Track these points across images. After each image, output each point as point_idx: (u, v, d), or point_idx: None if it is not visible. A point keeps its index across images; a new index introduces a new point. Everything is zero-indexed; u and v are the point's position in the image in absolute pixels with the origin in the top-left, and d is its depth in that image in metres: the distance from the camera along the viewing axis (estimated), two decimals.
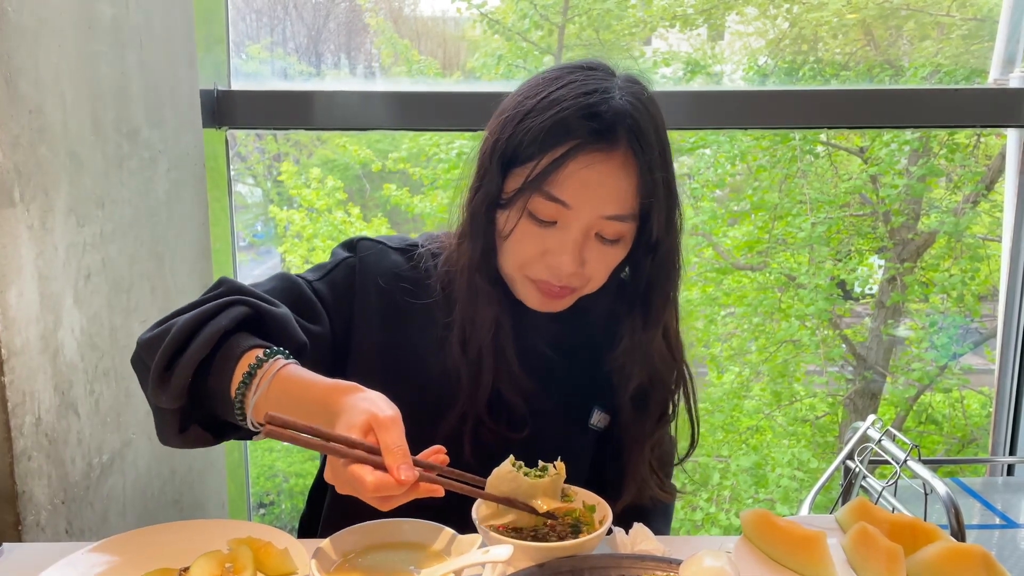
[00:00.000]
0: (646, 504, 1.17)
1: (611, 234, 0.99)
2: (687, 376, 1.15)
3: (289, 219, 4.44)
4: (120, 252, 1.41)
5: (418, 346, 1.08)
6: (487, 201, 1.01)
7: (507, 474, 0.90)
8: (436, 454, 0.85)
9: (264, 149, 4.86)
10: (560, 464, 0.94)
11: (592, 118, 0.95)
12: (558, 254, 0.98)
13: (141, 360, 0.95)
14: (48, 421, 1.20)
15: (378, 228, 4.40)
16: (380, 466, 0.76)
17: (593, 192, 0.96)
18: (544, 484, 0.92)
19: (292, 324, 0.97)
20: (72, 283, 1.26)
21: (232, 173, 2.04)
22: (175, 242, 1.63)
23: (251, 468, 2.50)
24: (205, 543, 0.92)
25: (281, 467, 4.55)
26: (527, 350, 1.09)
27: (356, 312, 1.08)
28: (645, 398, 1.14)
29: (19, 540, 1.15)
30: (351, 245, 1.12)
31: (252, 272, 5.16)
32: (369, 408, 0.79)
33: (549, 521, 0.92)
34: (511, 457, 0.91)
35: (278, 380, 0.86)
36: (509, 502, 0.90)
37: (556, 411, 1.11)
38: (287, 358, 0.89)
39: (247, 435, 0.94)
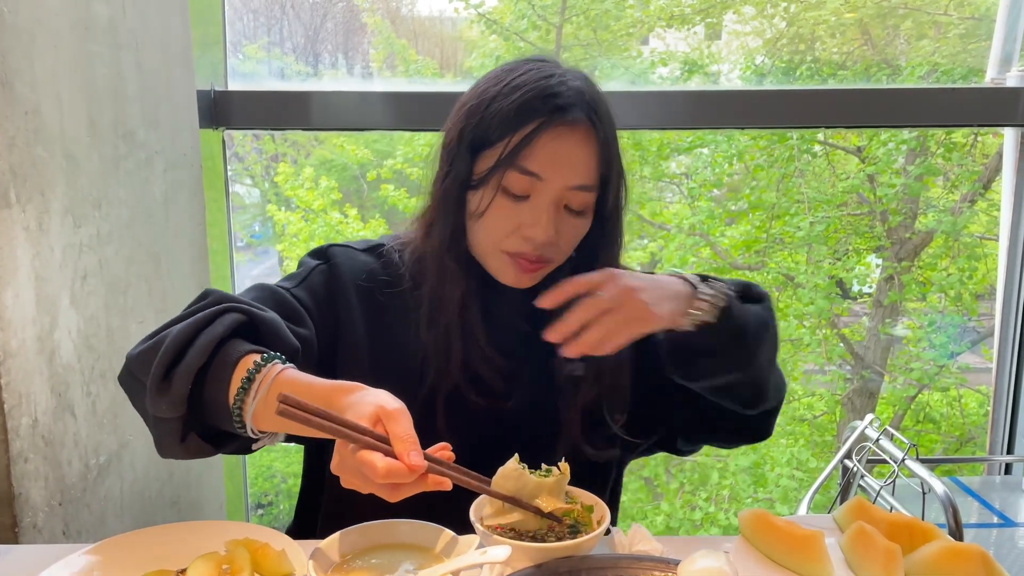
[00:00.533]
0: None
1: (577, 204, 1.05)
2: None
3: (287, 219, 4.43)
4: (117, 253, 1.40)
5: (399, 336, 1.11)
6: (457, 183, 1.06)
7: (512, 472, 0.90)
8: (442, 451, 0.86)
9: (262, 149, 4.85)
10: (564, 465, 0.94)
11: (555, 96, 1.02)
12: (533, 225, 1.03)
13: (131, 375, 0.95)
14: (45, 423, 1.20)
15: (375, 229, 4.40)
16: (390, 454, 0.76)
17: (562, 163, 1.02)
18: (549, 484, 0.92)
19: (284, 329, 0.98)
20: (68, 284, 1.26)
21: (230, 173, 2.04)
22: (172, 243, 1.62)
23: (249, 469, 2.50)
24: (202, 544, 0.92)
25: (279, 467, 4.55)
26: (502, 327, 1.11)
27: (340, 313, 1.10)
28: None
29: (16, 542, 1.15)
30: (320, 253, 1.15)
31: (251, 272, 5.15)
32: (376, 400, 0.80)
33: (552, 523, 0.93)
34: (516, 456, 0.92)
35: (277, 384, 0.86)
36: (514, 501, 0.90)
37: (532, 386, 1.12)
38: (284, 362, 0.89)
39: (244, 446, 0.93)
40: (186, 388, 0.88)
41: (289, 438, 0.99)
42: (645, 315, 0.98)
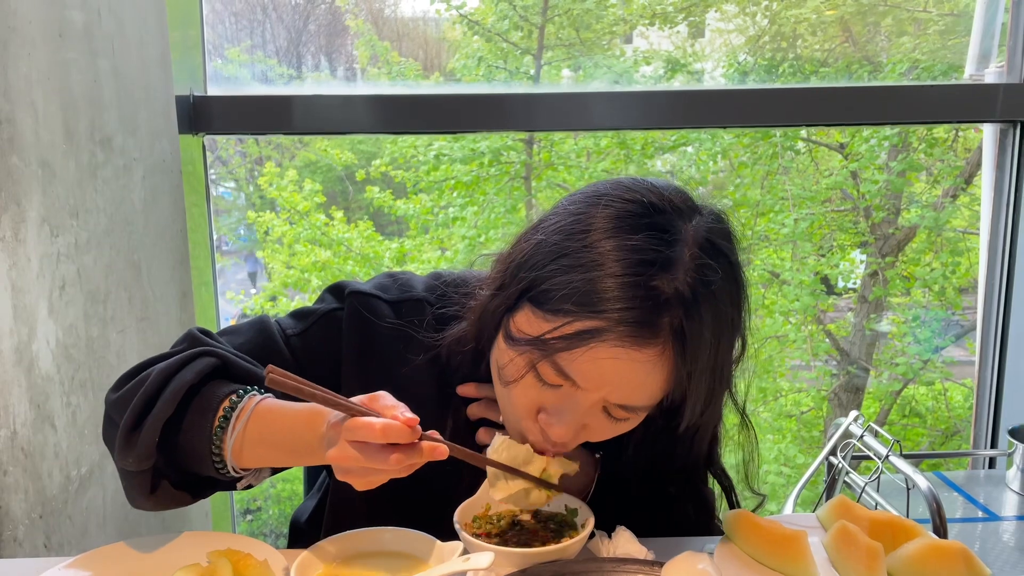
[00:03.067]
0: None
1: (619, 415, 0.86)
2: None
3: (269, 223, 4.41)
4: (96, 262, 1.39)
5: (406, 404, 1.04)
6: (496, 317, 0.88)
7: (500, 444, 0.90)
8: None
9: (245, 153, 4.83)
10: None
11: (636, 300, 0.78)
12: (554, 423, 0.85)
13: (110, 420, 0.92)
14: (24, 435, 1.18)
15: (363, 231, 4.38)
16: None
17: (611, 382, 0.82)
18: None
19: (263, 380, 0.91)
20: (46, 294, 1.25)
21: (213, 177, 2.02)
22: (152, 250, 1.61)
23: None
24: (184, 556, 0.91)
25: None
26: None
27: (343, 367, 1.01)
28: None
29: None
30: (340, 294, 1.03)
31: (236, 276, 5.13)
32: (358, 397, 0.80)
33: (549, 493, 0.91)
34: (498, 432, 0.91)
35: (257, 415, 0.85)
36: (511, 469, 0.89)
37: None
38: (262, 393, 0.88)
39: (228, 487, 0.92)
40: (154, 440, 0.86)
41: (274, 471, 0.96)
42: None
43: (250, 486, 0.94)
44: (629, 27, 4.50)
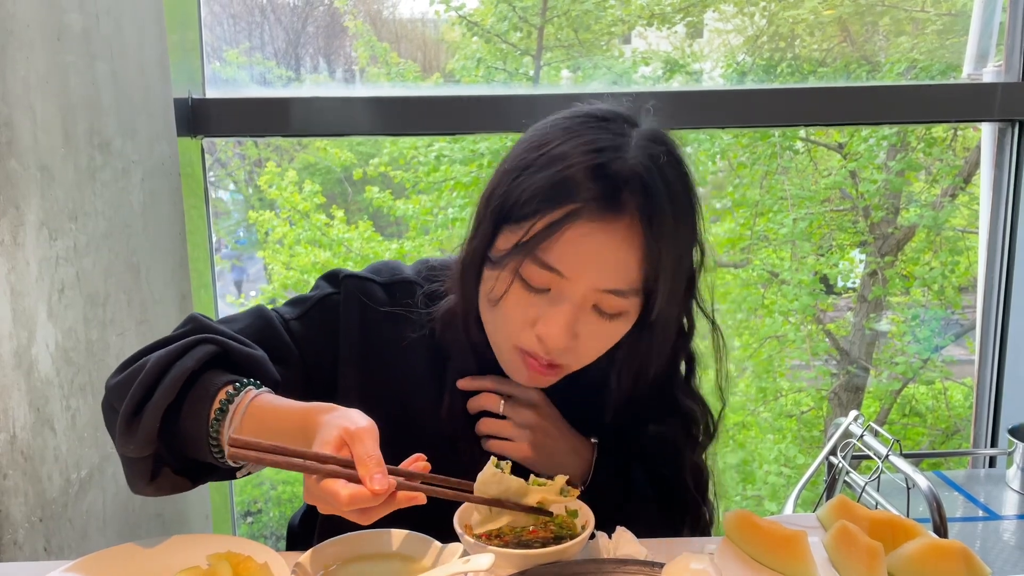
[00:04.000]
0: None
1: (609, 308, 0.91)
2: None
3: (269, 224, 4.41)
4: (95, 265, 1.39)
5: (403, 383, 1.05)
6: (477, 255, 0.94)
7: (492, 477, 0.88)
8: (416, 462, 0.84)
9: (244, 155, 4.83)
10: (561, 477, 0.92)
11: (596, 179, 0.86)
12: (549, 325, 0.89)
13: (111, 406, 0.92)
14: (23, 438, 1.18)
15: (363, 232, 4.38)
16: (355, 479, 0.75)
17: (591, 263, 0.87)
18: (535, 484, 0.90)
19: (264, 363, 0.94)
20: (46, 298, 1.25)
21: (212, 179, 2.03)
22: (151, 253, 1.61)
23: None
24: (184, 559, 0.91)
25: (268, 474, 4.52)
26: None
27: (341, 350, 1.03)
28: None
29: None
30: (335, 279, 1.06)
31: (236, 278, 5.12)
32: (341, 423, 0.78)
33: (543, 518, 0.91)
34: (493, 459, 0.89)
35: (252, 411, 0.85)
36: (498, 503, 0.89)
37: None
38: (259, 388, 0.88)
39: (228, 475, 0.92)
40: (155, 426, 0.86)
41: None
42: (519, 451, 1.01)
43: (249, 473, 0.94)
44: (627, 28, 4.50)
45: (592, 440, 1.07)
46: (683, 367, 1.09)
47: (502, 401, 1.02)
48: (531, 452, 1.01)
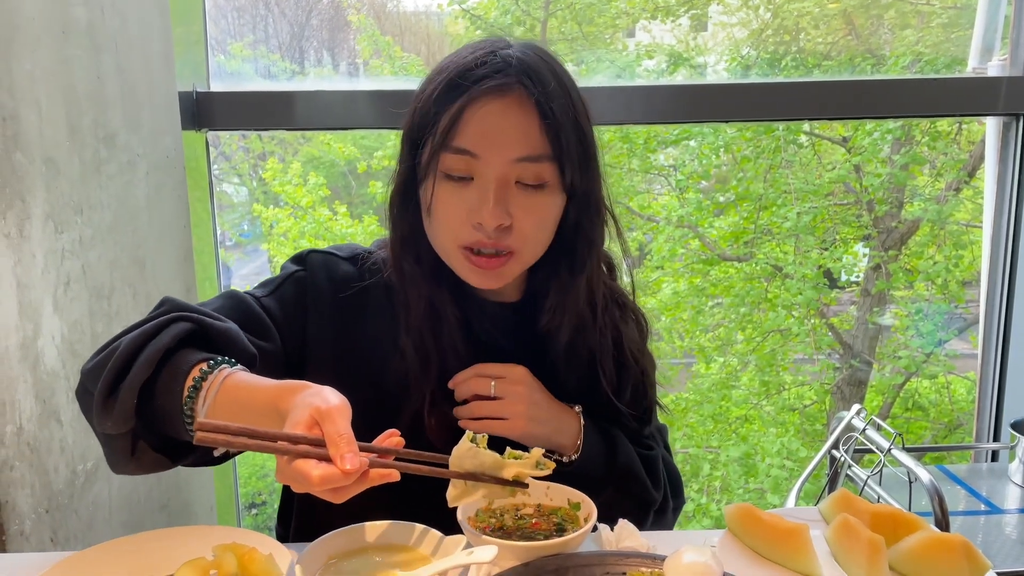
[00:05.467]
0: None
1: (530, 178, 0.98)
2: (617, 344, 1.14)
3: (274, 217, 4.42)
4: (100, 258, 1.40)
5: (375, 350, 1.07)
6: (404, 181, 1.02)
7: (467, 451, 0.86)
8: (390, 438, 0.83)
9: (249, 148, 4.84)
10: (537, 450, 0.91)
11: (481, 66, 0.97)
12: (479, 207, 0.96)
13: (85, 389, 0.93)
14: (30, 430, 1.19)
15: (367, 226, 4.39)
16: (326, 458, 0.74)
17: (495, 135, 0.96)
18: (510, 458, 0.88)
19: (240, 337, 0.95)
20: (51, 290, 1.25)
21: (217, 172, 2.03)
22: (156, 246, 1.62)
23: (241, 469, 2.49)
24: (189, 550, 0.92)
25: (272, 466, 4.54)
26: (480, 340, 1.08)
27: (310, 325, 1.06)
28: (584, 366, 1.12)
29: (3, 550, 1.14)
30: (301, 259, 1.11)
31: (240, 271, 5.14)
32: (313, 402, 0.77)
33: (519, 491, 0.89)
34: (468, 433, 0.88)
35: (225, 389, 0.84)
36: (474, 477, 0.87)
37: None
38: (232, 366, 0.88)
39: (207, 454, 0.92)
40: (132, 402, 0.86)
41: None
42: (518, 428, 1.03)
43: (228, 455, 0.94)
44: (631, 21, 4.49)
45: (576, 408, 1.10)
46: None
47: (492, 383, 1.04)
48: (528, 427, 1.04)
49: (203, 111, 1.86)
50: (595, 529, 0.95)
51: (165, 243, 1.66)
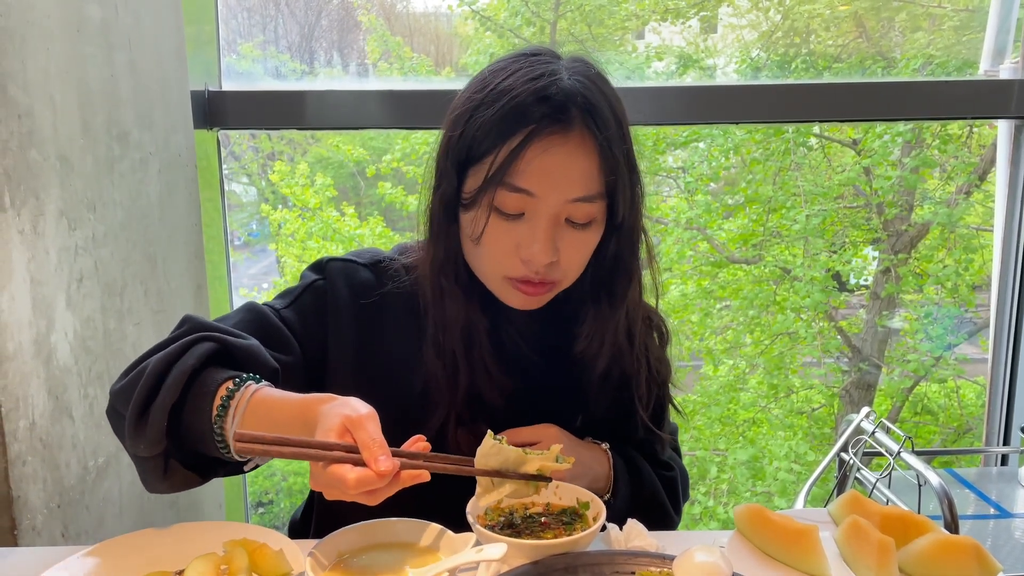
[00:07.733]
0: None
1: (581, 217, 0.97)
2: (648, 363, 1.14)
3: (283, 218, 4.43)
4: (112, 255, 1.40)
5: (395, 359, 1.07)
6: (446, 202, 1.00)
7: (491, 449, 0.89)
8: (417, 443, 0.85)
9: (258, 148, 4.85)
10: (556, 445, 0.93)
11: (543, 102, 0.93)
12: (530, 244, 0.95)
13: (116, 411, 0.95)
14: (42, 425, 1.20)
15: (374, 227, 4.39)
16: (360, 463, 0.76)
17: (556, 176, 0.94)
18: (533, 453, 0.91)
19: (262, 352, 0.96)
20: (64, 287, 1.26)
21: (226, 172, 2.04)
22: (168, 244, 1.62)
23: None
24: (200, 545, 0.92)
25: (279, 465, 4.56)
26: (507, 352, 1.08)
27: (330, 335, 1.07)
28: (615, 388, 1.12)
29: (15, 545, 1.15)
30: (320, 267, 1.10)
31: (249, 271, 5.15)
32: (341, 411, 0.80)
33: (541, 485, 0.91)
34: (489, 432, 0.90)
35: (253, 406, 0.86)
36: (499, 474, 0.89)
37: (540, 415, 1.10)
38: (258, 382, 0.89)
39: (236, 469, 0.94)
40: (162, 425, 0.88)
41: None
42: (570, 476, 1.01)
43: (256, 467, 0.96)
44: (641, 23, 4.49)
45: (603, 445, 1.12)
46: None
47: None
48: (575, 471, 1.03)
49: (215, 110, 1.87)
50: (604, 528, 0.95)
51: (176, 241, 1.67)
